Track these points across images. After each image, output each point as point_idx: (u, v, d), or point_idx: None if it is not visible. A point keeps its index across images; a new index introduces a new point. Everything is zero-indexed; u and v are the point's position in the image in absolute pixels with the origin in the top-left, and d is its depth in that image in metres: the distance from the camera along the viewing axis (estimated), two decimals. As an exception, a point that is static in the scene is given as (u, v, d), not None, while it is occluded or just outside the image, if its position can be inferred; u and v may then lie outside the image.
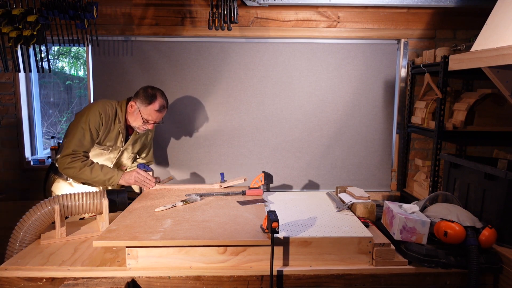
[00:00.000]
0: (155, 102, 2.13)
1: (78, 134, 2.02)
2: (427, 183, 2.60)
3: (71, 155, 1.99)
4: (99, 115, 2.08)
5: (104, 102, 2.16)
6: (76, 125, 2.05)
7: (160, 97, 2.16)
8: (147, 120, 2.15)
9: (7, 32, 1.99)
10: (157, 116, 2.16)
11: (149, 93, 2.13)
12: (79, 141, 2.02)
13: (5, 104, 2.81)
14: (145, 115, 2.13)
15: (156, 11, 2.73)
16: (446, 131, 2.37)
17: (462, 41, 2.76)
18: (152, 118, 2.15)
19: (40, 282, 1.35)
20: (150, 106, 2.12)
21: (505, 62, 1.44)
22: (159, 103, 2.14)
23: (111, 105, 2.16)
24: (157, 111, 2.14)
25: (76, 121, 2.07)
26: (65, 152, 2.00)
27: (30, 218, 1.58)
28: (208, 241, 1.35)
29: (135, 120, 2.16)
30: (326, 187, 2.96)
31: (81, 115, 2.08)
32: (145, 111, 2.13)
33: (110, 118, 2.14)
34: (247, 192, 1.94)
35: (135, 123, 2.17)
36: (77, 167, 1.98)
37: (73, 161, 1.98)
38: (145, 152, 2.48)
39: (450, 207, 1.57)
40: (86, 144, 2.05)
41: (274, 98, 2.86)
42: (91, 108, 2.10)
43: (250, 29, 2.76)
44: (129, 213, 1.64)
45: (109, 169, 2.06)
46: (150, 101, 2.12)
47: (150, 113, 2.13)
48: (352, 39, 2.81)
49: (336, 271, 1.39)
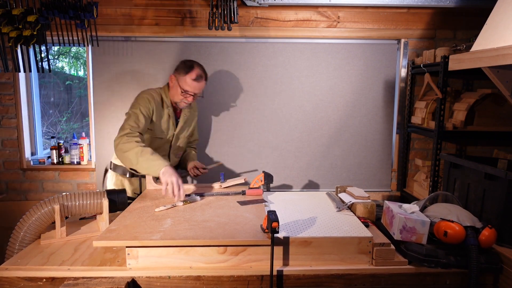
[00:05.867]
0: (192, 71, 2.12)
1: (132, 116, 2.04)
2: (427, 183, 2.60)
3: (127, 134, 1.98)
4: (148, 101, 2.10)
5: (149, 90, 2.18)
6: (130, 109, 2.09)
7: (198, 67, 2.15)
8: (186, 91, 2.14)
9: (7, 32, 1.99)
10: (195, 86, 2.14)
11: (186, 64, 2.15)
12: (134, 121, 2.03)
13: (5, 104, 2.81)
14: (183, 85, 2.13)
15: (156, 11, 2.73)
16: (446, 131, 2.37)
17: (462, 41, 2.76)
18: (190, 88, 2.13)
19: (40, 282, 1.35)
20: (187, 75, 2.12)
21: (505, 62, 1.44)
22: (196, 72, 2.12)
23: (156, 92, 2.19)
24: (194, 80, 2.12)
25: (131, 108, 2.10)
26: (122, 131, 2.00)
27: (30, 218, 1.58)
28: (208, 241, 1.35)
29: (175, 93, 2.16)
30: (326, 187, 2.96)
31: (134, 102, 2.12)
32: (182, 81, 2.12)
33: (159, 103, 2.16)
34: (247, 192, 1.94)
35: (176, 97, 2.17)
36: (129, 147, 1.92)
37: (128, 140, 1.95)
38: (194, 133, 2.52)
39: (450, 207, 1.57)
40: (141, 125, 2.05)
41: (274, 98, 2.86)
42: (138, 97, 2.13)
43: (250, 29, 2.76)
44: (129, 213, 1.64)
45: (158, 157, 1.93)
46: (187, 71, 2.12)
47: (187, 83, 2.12)
48: (352, 39, 2.81)
49: (336, 271, 1.39)
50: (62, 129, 4.42)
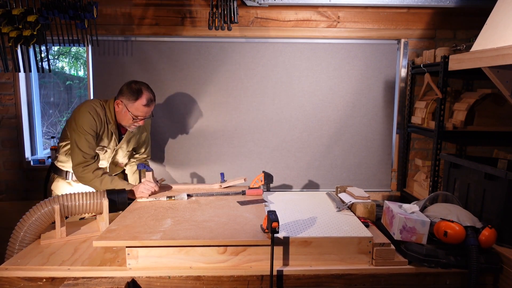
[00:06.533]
0: (142, 96, 2.02)
1: (79, 140, 1.99)
2: (427, 183, 2.60)
3: (81, 164, 1.97)
4: (92, 117, 2.02)
5: (93, 103, 2.08)
6: (74, 132, 2.00)
7: (146, 90, 2.06)
8: (137, 117, 2.07)
9: (7, 32, 1.99)
10: (146, 111, 2.06)
11: (133, 89, 2.03)
12: (83, 146, 1.99)
13: (5, 104, 2.81)
14: (134, 112, 2.05)
15: (156, 11, 2.73)
16: (446, 131, 2.37)
17: (462, 41, 2.76)
18: (142, 113, 2.06)
19: (40, 282, 1.35)
20: (137, 101, 2.03)
21: (505, 62, 1.44)
22: (146, 97, 2.04)
23: (100, 106, 2.09)
24: (145, 105, 2.04)
25: (72, 128, 2.02)
26: (75, 161, 1.98)
27: (30, 218, 1.58)
28: (208, 241, 1.35)
29: (124, 118, 2.08)
30: (326, 187, 2.96)
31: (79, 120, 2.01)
32: (132, 108, 2.04)
33: (102, 118, 2.08)
34: (247, 192, 1.94)
35: (125, 121, 2.10)
36: (88, 178, 1.98)
37: (84, 171, 1.97)
38: (143, 148, 2.42)
39: (450, 207, 1.57)
40: (91, 146, 2.02)
41: (274, 98, 2.86)
42: (81, 112, 2.03)
43: (250, 29, 2.76)
44: (129, 213, 1.64)
45: (119, 182, 2.01)
46: (136, 97, 2.02)
47: (138, 109, 2.04)
48: (352, 39, 2.81)
49: (336, 271, 1.39)
50: (62, 129, 4.41)
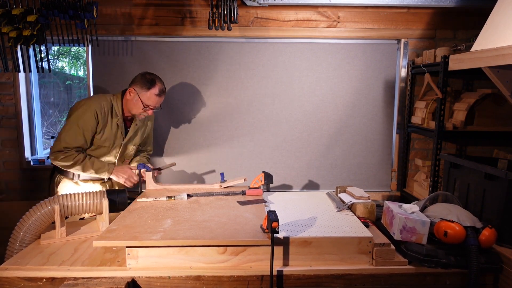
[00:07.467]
0: (155, 86, 2.15)
1: (71, 131, 2.04)
2: (427, 183, 2.60)
3: (62, 152, 2.01)
4: (95, 116, 2.08)
5: (100, 98, 2.15)
6: (71, 122, 2.06)
7: (159, 81, 2.18)
8: (148, 106, 2.16)
9: (7, 32, 1.99)
10: (157, 101, 2.18)
11: (147, 78, 2.15)
12: (72, 138, 2.03)
13: (5, 104, 2.81)
14: (145, 100, 2.14)
15: (156, 11, 2.73)
16: (446, 131, 2.37)
17: (462, 41, 2.76)
18: (152, 103, 2.17)
19: (40, 282, 1.35)
20: (150, 90, 2.14)
21: (505, 62, 1.44)
22: (158, 87, 2.16)
23: (106, 100, 2.16)
24: (157, 95, 2.16)
25: (71, 118, 2.07)
26: (56, 147, 2.02)
27: (30, 218, 1.58)
28: (208, 241, 1.35)
29: (135, 106, 2.16)
30: (326, 187, 2.96)
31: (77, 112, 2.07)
32: (145, 96, 2.14)
33: (106, 113, 2.14)
34: (247, 192, 1.94)
35: (135, 110, 2.17)
36: (68, 165, 2.03)
37: (65, 157, 2.01)
38: (148, 142, 2.50)
39: (450, 207, 1.57)
40: (80, 141, 2.06)
41: (274, 98, 2.86)
42: (87, 107, 2.08)
43: (250, 29, 2.76)
44: (129, 213, 1.64)
45: (100, 164, 2.09)
46: (149, 86, 2.14)
47: (150, 98, 2.15)
48: (352, 39, 2.81)
49: (336, 271, 1.39)
50: (62, 129, 4.41)
